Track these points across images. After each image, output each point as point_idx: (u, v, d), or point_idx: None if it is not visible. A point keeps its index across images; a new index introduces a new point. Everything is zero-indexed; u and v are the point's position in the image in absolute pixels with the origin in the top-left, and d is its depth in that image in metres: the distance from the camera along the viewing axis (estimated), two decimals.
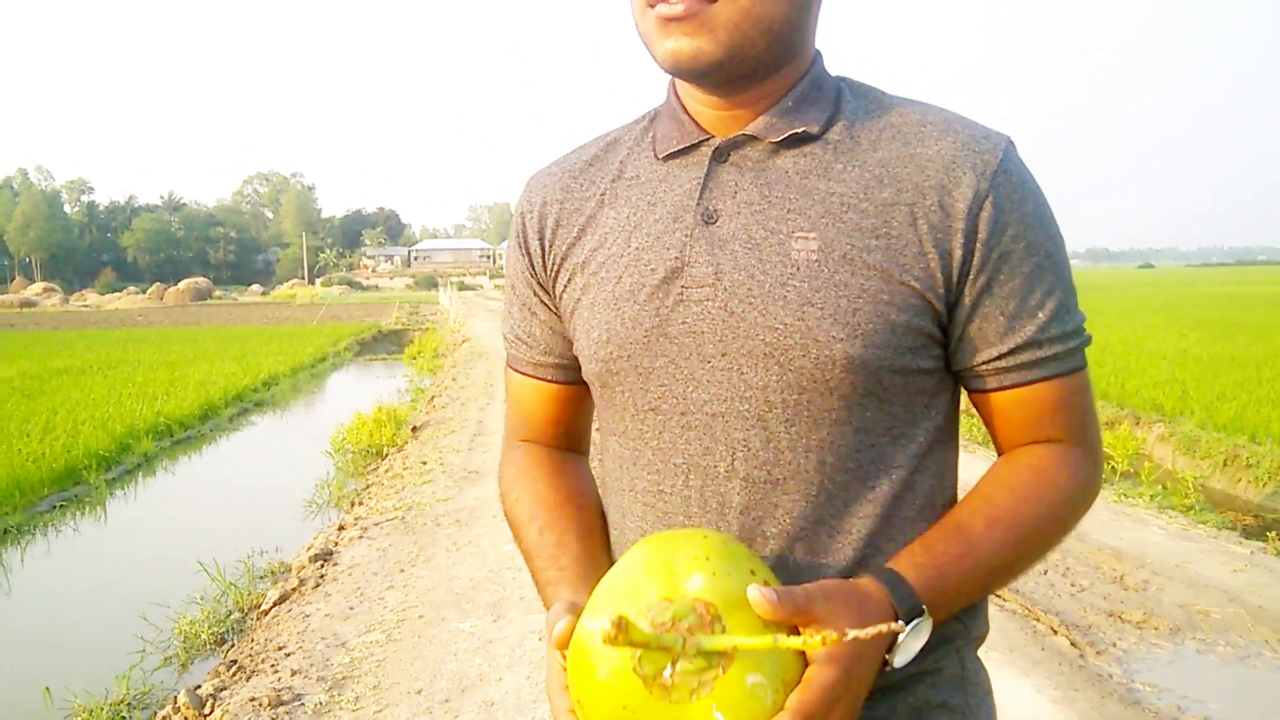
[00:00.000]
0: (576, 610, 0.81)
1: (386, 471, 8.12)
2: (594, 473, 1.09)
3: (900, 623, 0.77)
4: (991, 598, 3.25)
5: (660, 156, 0.96)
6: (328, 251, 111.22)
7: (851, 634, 0.68)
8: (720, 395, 0.88)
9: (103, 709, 3.96)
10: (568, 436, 1.10)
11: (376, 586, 4.83)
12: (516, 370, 1.08)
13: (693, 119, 0.94)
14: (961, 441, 0.99)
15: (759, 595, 0.73)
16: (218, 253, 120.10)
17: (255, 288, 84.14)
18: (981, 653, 0.98)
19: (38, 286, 72.13)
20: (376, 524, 6.12)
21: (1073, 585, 4.46)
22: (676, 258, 0.90)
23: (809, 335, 0.85)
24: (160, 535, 7.45)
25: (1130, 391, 10.29)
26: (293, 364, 18.11)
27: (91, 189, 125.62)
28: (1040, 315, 0.88)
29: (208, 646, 4.75)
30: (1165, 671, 3.55)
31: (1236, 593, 4.33)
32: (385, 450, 9.18)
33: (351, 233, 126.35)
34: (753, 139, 0.91)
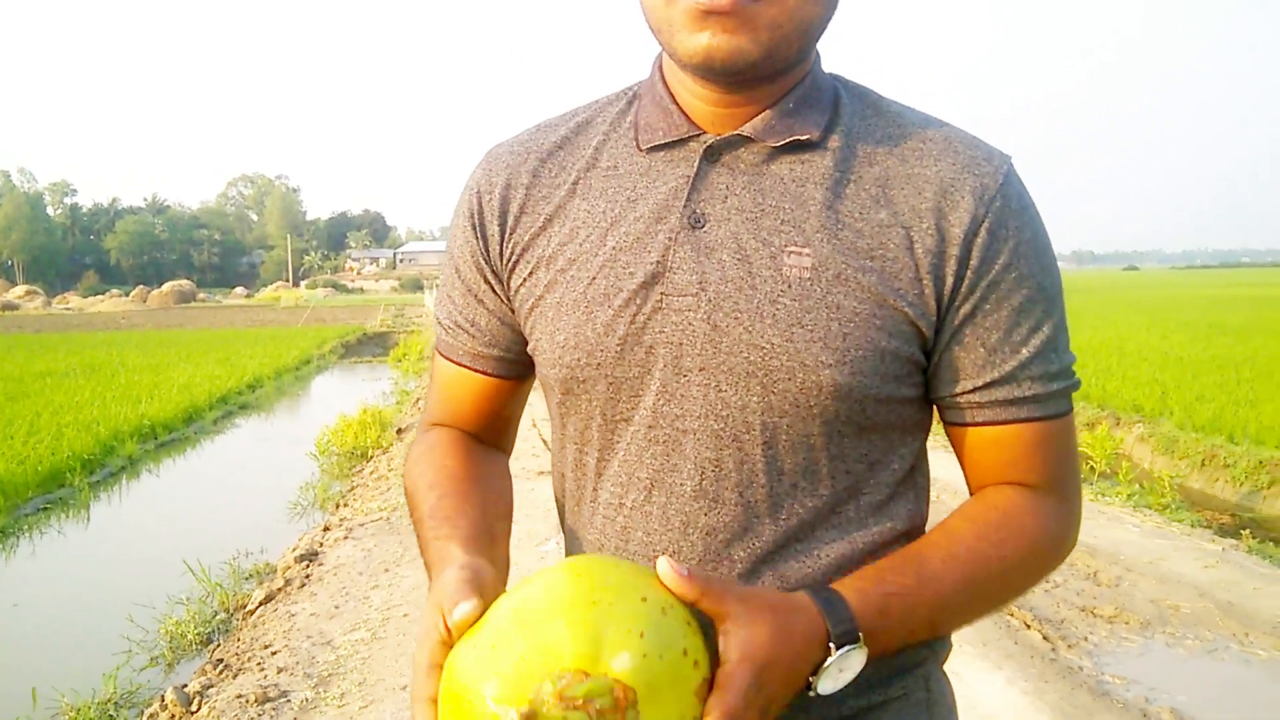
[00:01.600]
0: (479, 582, 0.74)
1: (371, 474, 8.16)
2: (555, 484, 1.01)
3: (831, 646, 0.74)
4: None
5: (643, 148, 0.89)
6: (313, 254, 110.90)
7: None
8: (694, 411, 0.83)
9: (90, 708, 3.99)
10: (494, 433, 1.04)
11: (362, 586, 4.87)
12: (450, 359, 1.00)
13: (682, 110, 0.88)
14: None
15: (669, 568, 0.68)
16: (202, 255, 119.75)
17: (239, 290, 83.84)
18: (955, 647, 0.96)
19: (20, 289, 71.65)
20: (361, 525, 6.16)
21: (1047, 582, 4.54)
22: (657, 261, 0.84)
23: (796, 358, 0.80)
24: (145, 537, 7.46)
25: (1111, 393, 10.41)
26: (277, 367, 18.08)
27: (74, 191, 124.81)
28: (1023, 351, 0.84)
29: (194, 646, 4.79)
30: (1135, 664, 3.64)
31: (1207, 588, 4.42)
32: (370, 452, 9.22)
33: (336, 235, 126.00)
34: (749, 140, 0.85)
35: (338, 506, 7.18)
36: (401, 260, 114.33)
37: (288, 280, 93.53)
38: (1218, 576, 4.59)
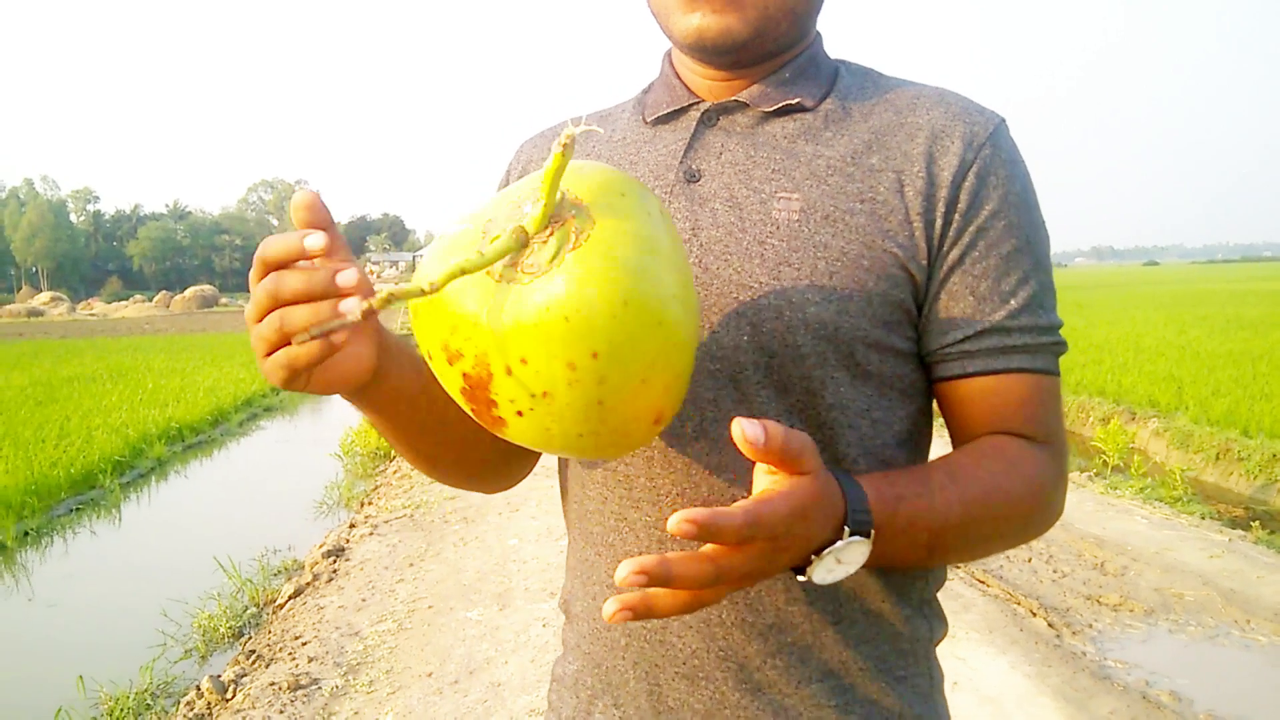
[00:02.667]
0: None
1: (394, 472, 8.32)
2: None
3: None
4: (974, 583, 3.45)
5: (649, 120, 0.95)
6: None
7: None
8: None
9: (129, 697, 4.15)
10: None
11: (387, 580, 5.03)
12: None
13: (684, 84, 0.94)
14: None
15: (743, 428, 0.64)
16: (223, 260, 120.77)
17: None
18: (961, 634, 1.01)
19: (44, 295, 72.52)
20: (386, 521, 6.32)
21: (1054, 571, 4.64)
22: None
23: (783, 296, 0.82)
24: (175, 536, 7.65)
25: (1126, 388, 10.45)
26: None
27: (97, 198, 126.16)
28: (1012, 302, 0.84)
29: (226, 639, 4.94)
30: (1137, 650, 3.74)
31: (1211, 577, 4.51)
32: (392, 453, 9.38)
33: (356, 238, 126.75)
34: (743, 105, 0.90)
35: (362, 505, 7.34)
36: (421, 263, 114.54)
37: None
38: (1222, 566, 4.68)
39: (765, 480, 0.69)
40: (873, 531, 0.73)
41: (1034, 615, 4.05)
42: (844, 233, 0.83)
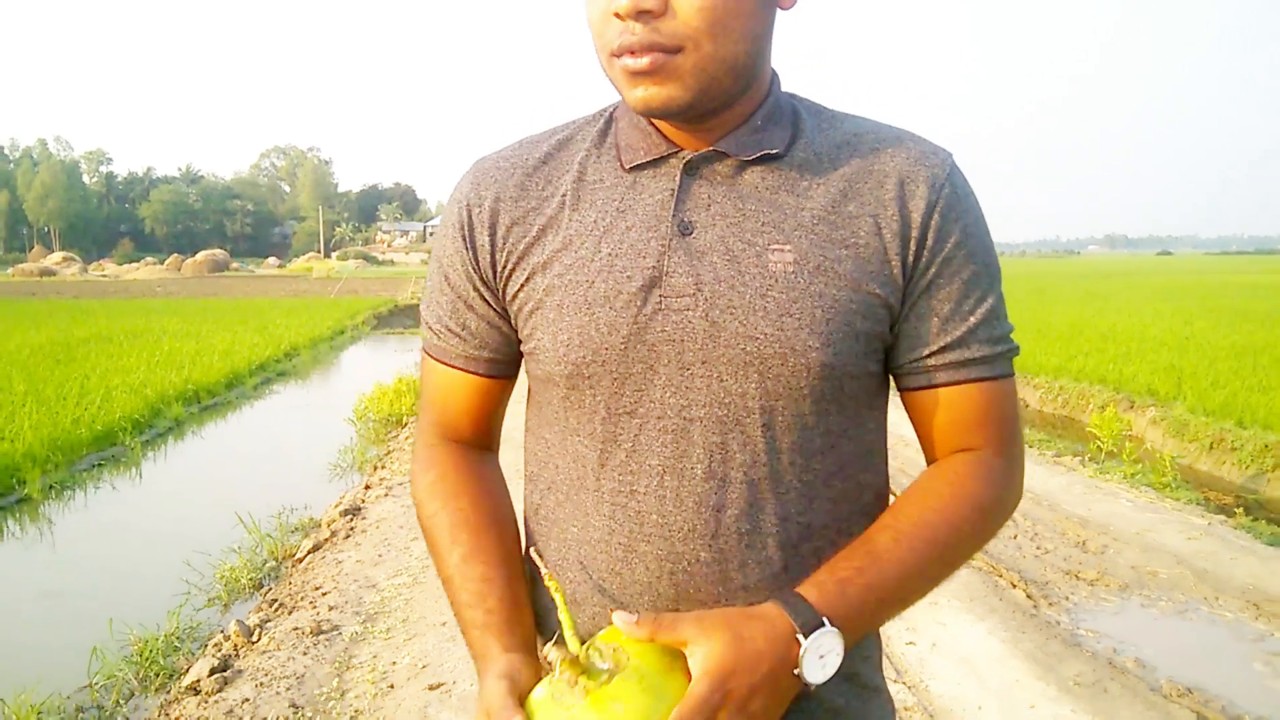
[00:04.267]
0: (518, 690, 0.85)
1: (406, 438, 8.57)
2: (531, 471, 1.07)
3: (800, 637, 0.82)
4: None
5: (627, 167, 0.97)
6: (344, 226, 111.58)
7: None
8: (699, 401, 0.91)
9: (157, 640, 4.40)
10: (487, 433, 1.11)
11: (402, 538, 5.27)
12: (443, 362, 1.06)
13: (659, 131, 0.97)
14: None
15: (620, 618, 0.80)
16: (234, 225, 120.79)
17: (272, 260, 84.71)
18: (943, 601, 1.15)
19: (57, 256, 72.86)
20: (400, 484, 6.57)
21: (1038, 548, 4.87)
22: (654, 266, 0.92)
23: (787, 345, 0.89)
24: (195, 492, 7.91)
25: (1128, 377, 10.57)
26: (312, 336, 18.57)
27: (110, 160, 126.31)
28: (972, 319, 0.94)
29: (246, 590, 5.19)
30: (1109, 621, 3.97)
31: (1186, 557, 4.73)
32: (404, 419, 9.62)
33: (368, 207, 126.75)
34: (722, 155, 0.94)
35: (375, 468, 7.58)
36: (431, 233, 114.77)
37: (319, 251, 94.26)
38: (1199, 547, 4.90)
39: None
40: (826, 621, 0.82)
41: (1014, 587, 4.28)
42: (835, 280, 0.91)
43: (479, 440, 1.10)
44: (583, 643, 0.82)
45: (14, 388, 10.61)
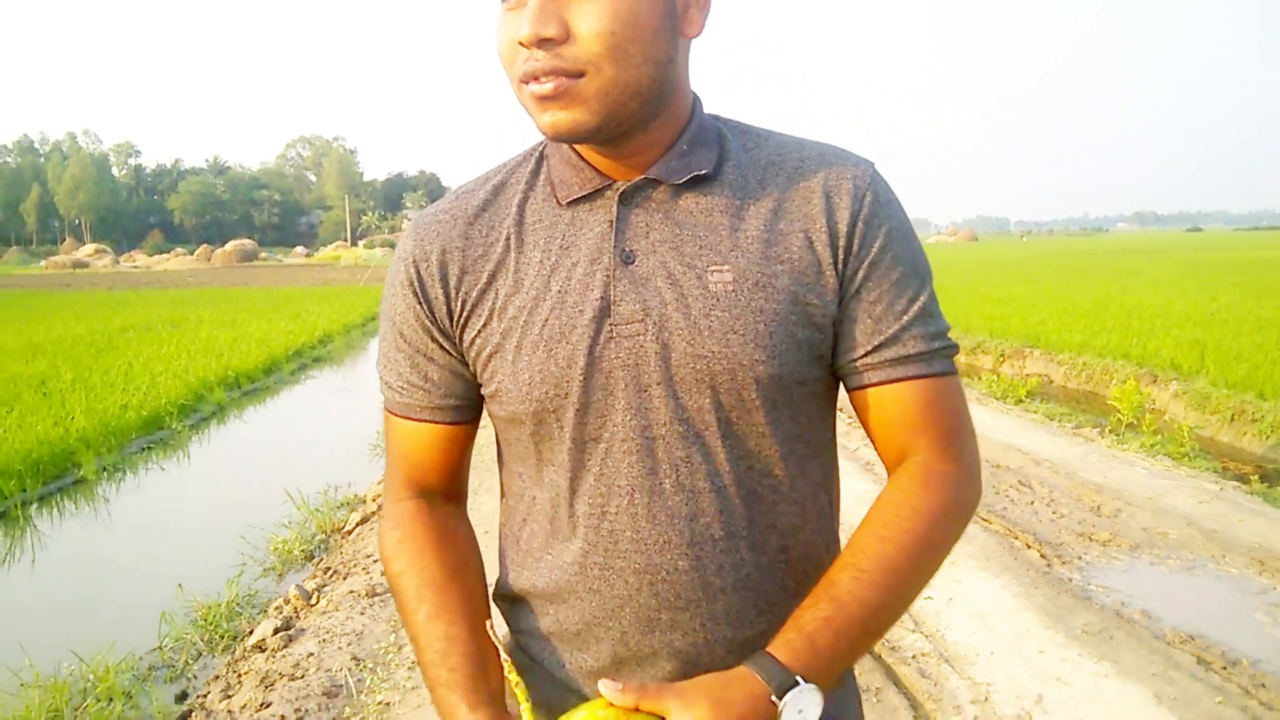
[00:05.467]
0: None
1: None
2: (507, 505, 1.10)
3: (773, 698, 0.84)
4: (978, 519, 3.96)
5: (563, 203, 1.00)
6: (370, 214, 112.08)
7: None
8: (660, 419, 0.95)
9: (220, 606, 4.70)
10: (455, 480, 1.13)
11: None
12: (408, 417, 1.07)
13: (590, 165, 0.99)
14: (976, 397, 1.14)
15: (608, 688, 0.82)
16: (262, 215, 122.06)
17: (299, 250, 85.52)
18: (960, 560, 1.22)
19: (89, 248, 73.95)
20: None
21: (1054, 513, 5.07)
22: (601, 298, 0.95)
23: (735, 360, 0.93)
24: (242, 473, 8.24)
25: (1151, 352, 10.65)
26: (345, 323, 18.96)
27: (138, 152, 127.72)
28: (904, 318, 0.98)
29: (298, 561, 5.49)
30: (1119, 578, 4.17)
31: (1197, 519, 4.92)
32: None
33: (393, 195, 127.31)
34: (655, 182, 0.98)
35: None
36: None
37: (346, 240, 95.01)
38: (1209, 510, 5.08)
39: None
40: (799, 680, 0.85)
41: (1029, 548, 4.49)
42: (774, 295, 0.95)
43: (448, 490, 1.12)
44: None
45: (62, 376, 11.00)
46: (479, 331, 1.01)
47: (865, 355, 0.98)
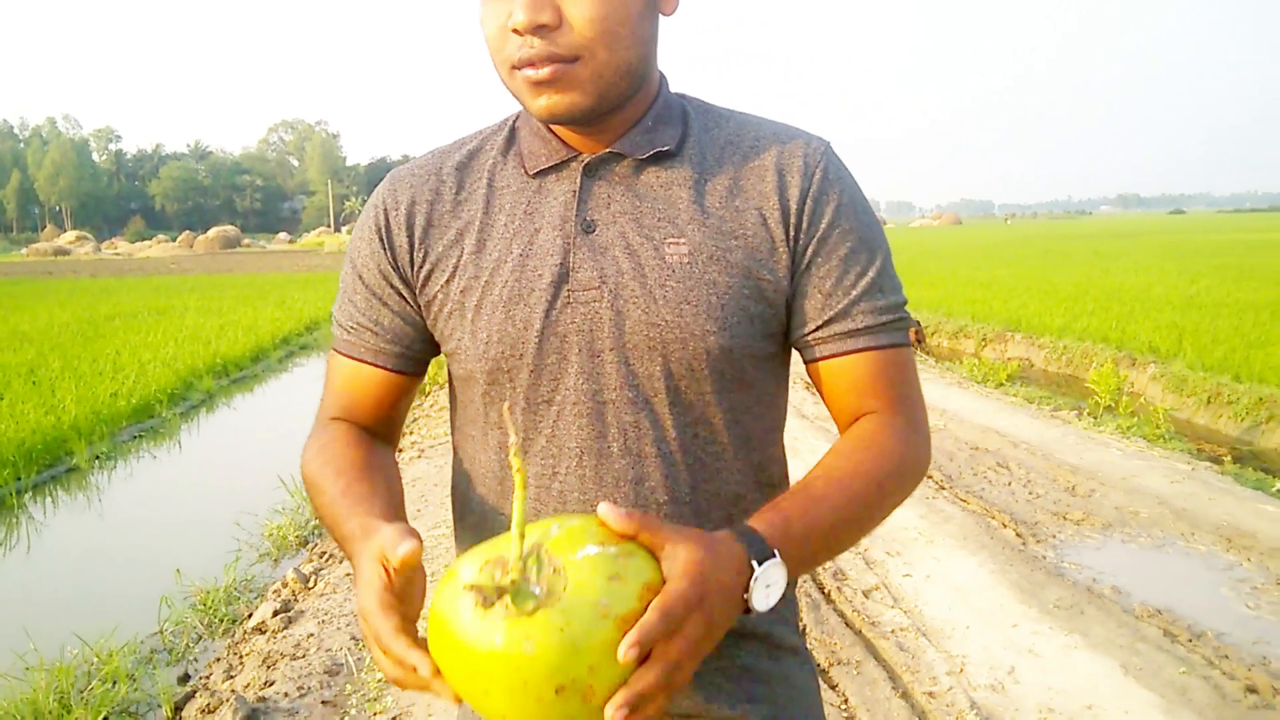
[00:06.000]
0: (414, 532, 0.82)
1: (433, 405, 8.96)
2: (458, 469, 1.11)
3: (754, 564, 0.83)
4: (955, 500, 4.10)
5: (531, 173, 1.04)
6: (353, 199, 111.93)
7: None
8: (611, 385, 0.98)
9: (218, 590, 4.80)
10: (388, 426, 1.13)
11: (438, 495, 5.66)
12: (351, 356, 1.09)
13: (558, 138, 1.03)
14: (955, 379, 1.03)
15: (609, 510, 0.76)
16: (244, 201, 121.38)
17: (283, 235, 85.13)
18: (939, 539, 1.27)
19: (70, 235, 73.43)
20: (432, 446, 6.96)
21: (1030, 493, 5.23)
22: (560, 264, 0.99)
23: (687, 330, 0.96)
24: (233, 460, 8.32)
25: (1130, 335, 10.79)
26: (330, 309, 18.95)
27: (119, 137, 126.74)
28: (853, 292, 1.00)
29: (293, 546, 5.59)
30: (1091, 555, 4.33)
31: (1168, 498, 5.09)
32: (427, 388, 10.00)
33: (376, 180, 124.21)
34: (619, 156, 1.01)
35: (405, 433, 7.98)
36: None
37: (329, 225, 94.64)
38: (1180, 489, 5.25)
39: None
40: (775, 553, 0.84)
41: (1004, 527, 4.65)
42: (728, 269, 0.99)
43: (378, 432, 1.12)
44: (525, 550, 0.74)
45: (50, 364, 11.04)
46: (441, 287, 1.04)
47: (816, 330, 1.01)
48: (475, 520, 1.08)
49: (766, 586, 0.83)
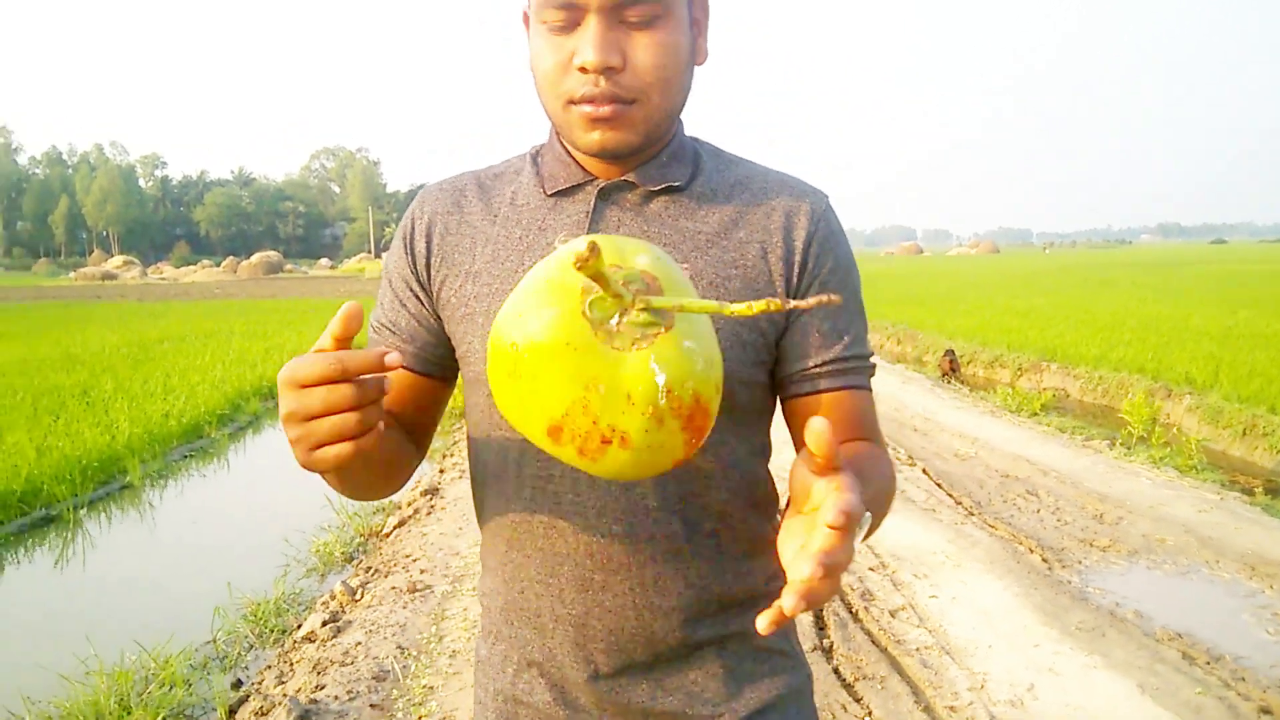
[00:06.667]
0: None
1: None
2: (471, 473, 1.18)
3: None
4: (984, 526, 4.24)
5: (548, 192, 1.09)
6: (393, 225, 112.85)
7: (791, 303, 0.70)
8: None
9: (269, 603, 5.00)
10: (408, 427, 1.15)
11: None
12: None
13: (577, 163, 1.09)
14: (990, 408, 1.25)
15: (820, 422, 0.70)
16: (286, 226, 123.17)
17: (324, 261, 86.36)
18: (966, 563, 1.33)
19: (117, 259, 74.99)
20: None
21: (1058, 520, 5.32)
22: None
23: None
24: (281, 479, 8.54)
25: (1166, 365, 10.73)
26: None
27: (165, 164, 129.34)
28: (846, 337, 1.08)
29: (339, 563, 5.78)
30: (1116, 581, 4.42)
31: (1194, 527, 5.16)
32: (463, 412, 10.22)
33: None
34: (632, 185, 1.07)
35: (444, 455, 8.19)
36: None
37: (370, 251, 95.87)
38: (1208, 519, 5.32)
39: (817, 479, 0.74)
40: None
41: (1031, 552, 4.75)
42: (725, 295, 1.03)
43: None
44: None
45: (103, 385, 11.40)
46: (455, 291, 1.09)
47: (815, 366, 1.07)
48: (487, 519, 1.15)
49: (860, 527, 0.80)
